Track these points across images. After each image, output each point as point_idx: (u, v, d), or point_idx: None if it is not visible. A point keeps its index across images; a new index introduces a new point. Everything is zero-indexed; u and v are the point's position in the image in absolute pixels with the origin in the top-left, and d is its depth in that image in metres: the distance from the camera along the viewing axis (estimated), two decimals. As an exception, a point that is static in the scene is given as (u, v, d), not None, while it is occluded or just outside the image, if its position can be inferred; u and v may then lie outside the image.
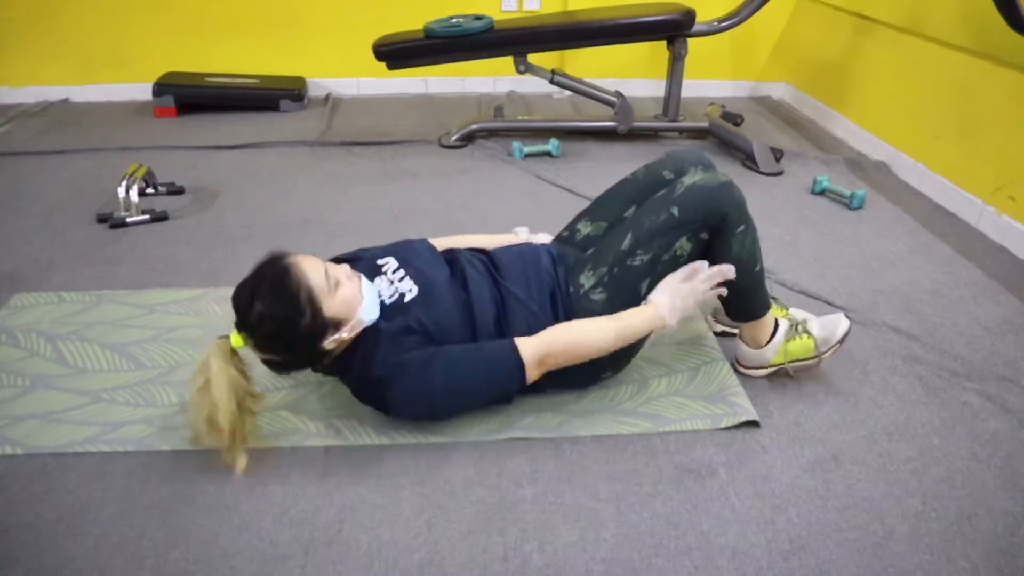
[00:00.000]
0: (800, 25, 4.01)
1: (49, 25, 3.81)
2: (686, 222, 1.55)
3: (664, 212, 1.56)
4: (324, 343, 1.42)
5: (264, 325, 1.39)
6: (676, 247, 1.56)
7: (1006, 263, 2.33)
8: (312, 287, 1.39)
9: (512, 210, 2.66)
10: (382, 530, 1.34)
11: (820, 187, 2.81)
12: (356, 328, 1.45)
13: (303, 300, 1.38)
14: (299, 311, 1.37)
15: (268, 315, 1.38)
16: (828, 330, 1.71)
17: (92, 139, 3.35)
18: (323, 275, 1.42)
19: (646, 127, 3.37)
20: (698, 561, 1.28)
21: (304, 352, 1.44)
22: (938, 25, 2.90)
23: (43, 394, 1.66)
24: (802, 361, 1.72)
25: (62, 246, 2.36)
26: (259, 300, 1.38)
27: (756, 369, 1.75)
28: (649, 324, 1.54)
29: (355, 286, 1.47)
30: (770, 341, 1.71)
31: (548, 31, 3.09)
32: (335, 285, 1.43)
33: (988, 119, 2.60)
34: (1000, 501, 1.42)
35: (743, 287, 1.62)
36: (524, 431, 1.56)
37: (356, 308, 1.44)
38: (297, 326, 1.38)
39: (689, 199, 1.55)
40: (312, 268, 1.42)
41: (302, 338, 1.40)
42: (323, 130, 3.51)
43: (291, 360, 1.48)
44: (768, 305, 1.69)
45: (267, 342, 1.41)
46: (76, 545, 1.30)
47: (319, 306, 1.39)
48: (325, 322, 1.40)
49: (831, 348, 1.71)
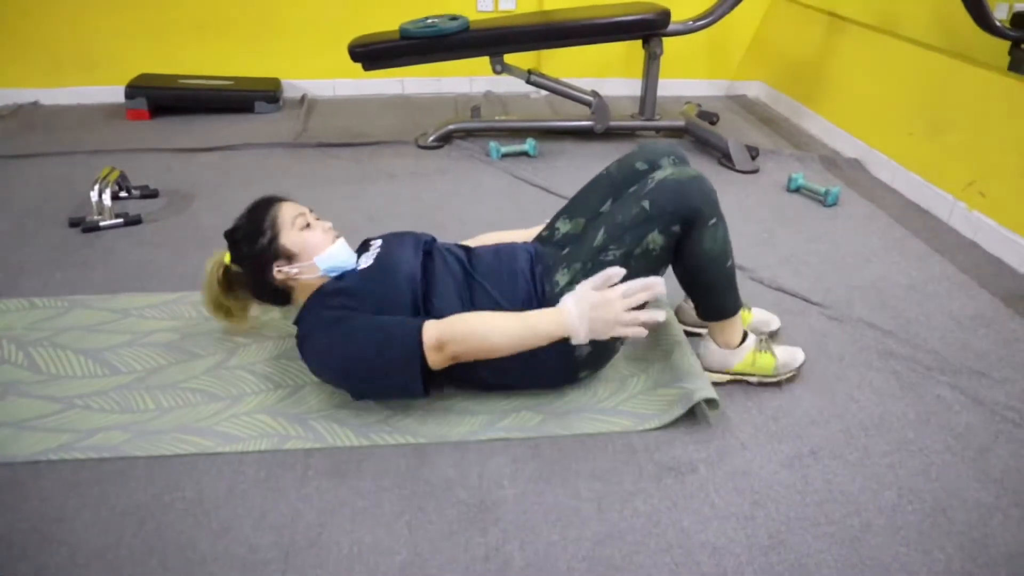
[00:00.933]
0: (774, 24, 4.05)
1: (16, 26, 3.74)
2: (657, 216, 1.54)
3: (636, 206, 1.56)
4: (274, 268, 1.61)
5: (234, 234, 1.66)
6: (648, 240, 1.55)
7: (977, 258, 2.36)
8: (279, 216, 1.63)
9: (490, 210, 2.66)
10: (363, 533, 1.33)
11: (795, 184, 2.84)
12: (308, 271, 1.60)
13: (267, 222, 1.62)
14: (260, 230, 1.61)
15: (238, 227, 1.66)
16: (788, 356, 1.73)
17: (63, 142, 3.30)
18: (295, 214, 1.64)
19: (623, 126, 3.38)
20: (679, 558, 1.29)
21: (257, 270, 1.63)
22: (909, 24, 2.94)
23: (15, 402, 1.64)
24: (764, 376, 1.72)
25: (33, 251, 2.32)
26: (241, 217, 1.67)
27: (717, 373, 1.72)
28: (553, 328, 1.46)
29: (324, 237, 1.63)
30: (741, 345, 1.70)
31: (524, 31, 3.09)
32: (304, 225, 1.63)
33: (959, 116, 2.63)
34: (974, 492, 1.44)
35: (715, 283, 1.63)
36: (504, 431, 1.56)
37: (313, 253, 1.61)
38: (255, 243, 1.61)
39: (660, 193, 1.55)
40: (289, 206, 1.66)
41: (256, 255, 1.62)
42: (299, 131, 3.48)
43: (250, 275, 1.66)
44: (740, 303, 1.69)
45: (234, 250, 1.67)
46: (51, 554, 1.28)
47: (277, 233, 1.61)
48: (278, 250, 1.60)
49: (789, 372, 1.72)
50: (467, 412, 1.61)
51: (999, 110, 2.45)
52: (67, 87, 3.91)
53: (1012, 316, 2.03)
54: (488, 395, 1.66)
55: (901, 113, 2.94)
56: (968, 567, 1.28)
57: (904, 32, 2.97)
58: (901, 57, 2.97)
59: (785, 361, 1.72)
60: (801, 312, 2.03)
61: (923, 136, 2.80)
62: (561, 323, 1.46)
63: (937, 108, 2.74)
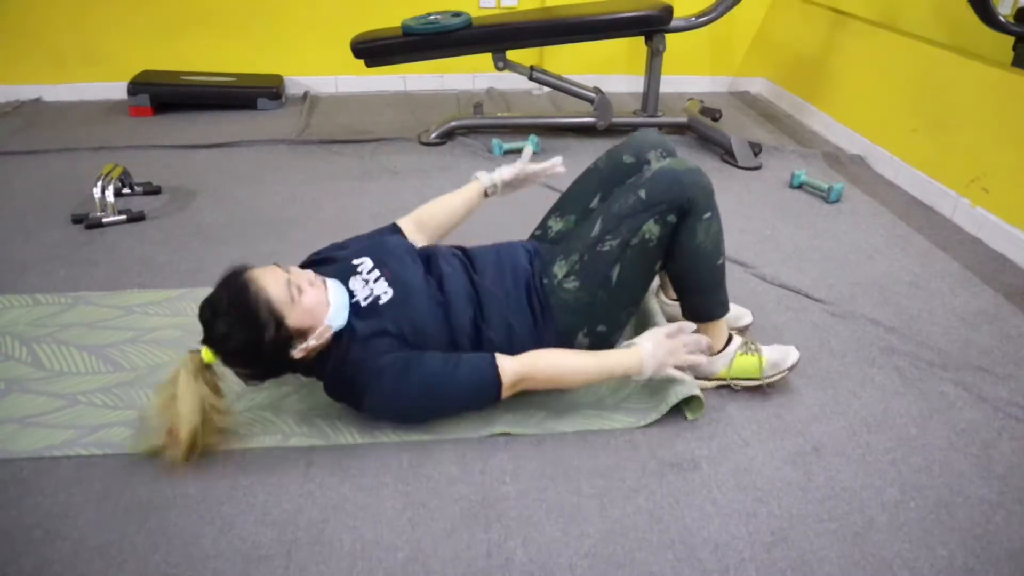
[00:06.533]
0: (777, 20, 4.04)
1: (20, 22, 3.75)
2: (653, 204, 1.54)
3: (632, 195, 1.56)
4: (292, 353, 1.44)
5: (229, 342, 1.40)
6: (644, 230, 1.54)
7: (981, 254, 2.36)
8: (272, 300, 1.39)
9: (492, 206, 2.65)
10: (365, 529, 1.33)
11: (798, 181, 2.83)
12: (324, 334, 1.45)
13: (264, 315, 1.38)
14: (261, 326, 1.38)
15: (231, 333, 1.39)
16: (780, 355, 1.68)
17: (66, 139, 3.31)
18: (284, 285, 1.42)
19: (625, 123, 3.37)
20: (681, 554, 1.29)
21: (273, 363, 1.47)
22: (912, 20, 2.93)
23: (19, 398, 1.64)
24: (747, 380, 1.69)
25: (36, 248, 2.33)
26: (221, 318, 1.40)
27: (703, 380, 1.68)
28: (629, 367, 1.53)
29: (320, 292, 1.46)
30: (724, 349, 1.68)
31: (527, 27, 3.08)
32: (297, 293, 1.42)
33: (962, 112, 2.63)
34: (977, 489, 1.44)
35: (704, 282, 1.62)
36: (506, 428, 1.56)
37: (322, 314, 1.44)
38: (262, 341, 1.39)
39: (657, 181, 1.55)
40: (272, 280, 1.42)
41: (269, 351, 1.41)
42: (301, 128, 3.48)
43: (262, 372, 1.49)
44: (727, 306, 1.66)
45: (234, 358, 1.44)
46: (54, 550, 1.28)
47: (281, 318, 1.40)
48: (290, 333, 1.41)
49: (779, 372, 1.68)
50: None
51: (1003, 106, 2.44)
52: (70, 84, 3.92)
53: (1015, 312, 2.03)
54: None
55: (904, 109, 2.93)
56: (971, 563, 1.28)
57: (907, 28, 2.96)
58: (904, 53, 2.96)
59: (775, 361, 1.67)
60: (804, 309, 2.03)
61: (926, 132, 2.79)
62: (639, 362, 1.53)
63: (940, 104, 2.73)
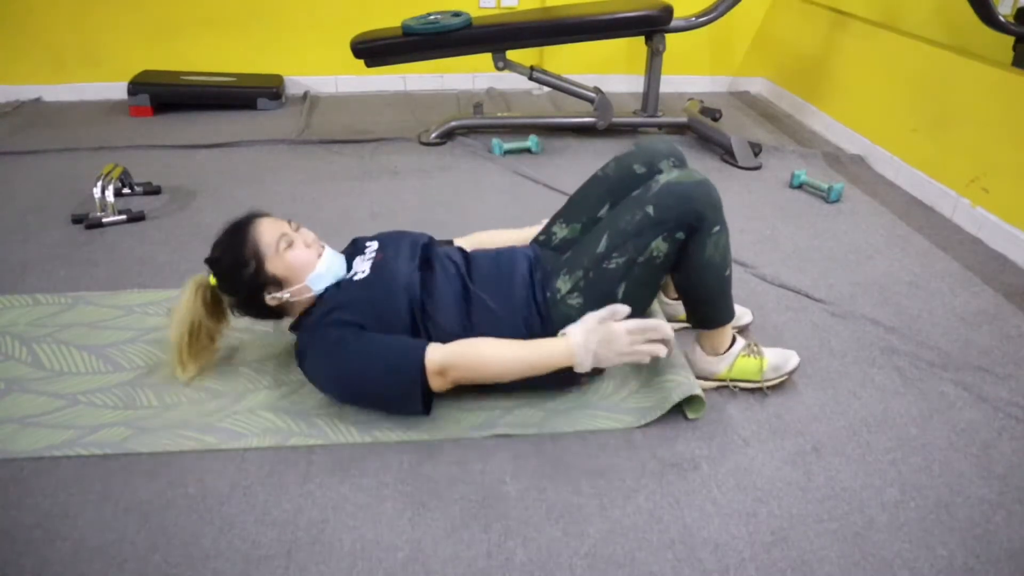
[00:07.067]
0: (777, 20, 4.04)
1: (20, 22, 3.75)
2: (661, 221, 1.50)
3: (639, 211, 1.52)
4: (266, 296, 1.57)
5: (217, 266, 1.60)
6: (652, 248, 1.52)
7: (981, 254, 2.36)
8: (259, 244, 1.55)
9: (492, 207, 2.66)
10: (365, 529, 1.33)
11: (798, 181, 2.83)
12: (302, 293, 1.57)
13: (248, 252, 1.55)
14: (243, 262, 1.55)
15: (220, 259, 1.59)
16: (781, 358, 1.68)
17: (66, 139, 3.30)
18: (276, 236, 1.56)
19: (625, 123, 3.38)
20: (681, 554, 1.29)
21: (249, 299, 1.60)
22: (912, 20, 2.93)
23: (19, 398, 1.64)
24: (747, 382, 1.69)
25: (36, 248, 2.33)
26: (219, 246, 1.60)
27: (704, 380, 1.68)
28: (559, 358, 1.47)
29: (310, 254, 1.58)
30: (727, 351, 1.68)
31: (527, 27, 3.08)
32: (285, 247, 1.56)
33: (962, 112, 2.63)
34: (977, 489, 1.44)
35: (711, 292, 1.60)
36: (506, 428, 1.56)
37: (303, 273, 1.56)
38: (241, 274, 1.55)
39: (665, 197, 1.51)
40: (268, 228, 1.57)
41: (245, 285, 1.57)
42: (301, 128, 3.48)
43: (242, 303, 1.62)
44: (733, 312, 1.65)
45: (220, 281, 1.61)
46: (54, 550, 1.28)
47: (262, 261, 1.55)
48: (266, 277, 1.55)
49: (779, 376, 1.68)
50: (469, 409, 1.61)
51: (1003, 106, 2.44)
52: (70, 84, 3.92)
53: (1015, 312, 2.03)
54: (489, 392, 1.65)
55: (904, 109, 2.93)
56: (971, 563, 1.28)
57: (907, 28, 2.96)
58: (904, 53, 2.96)
59: (777, 364, 1.68)
60: (804, 309, 2.03)
61: (926, 132, 2.79)
62: (569, 354, 1.47)
63: (940, 104, 2.73)
